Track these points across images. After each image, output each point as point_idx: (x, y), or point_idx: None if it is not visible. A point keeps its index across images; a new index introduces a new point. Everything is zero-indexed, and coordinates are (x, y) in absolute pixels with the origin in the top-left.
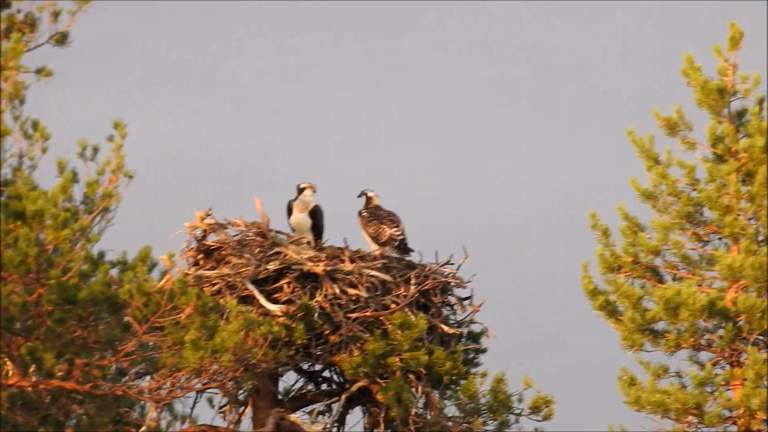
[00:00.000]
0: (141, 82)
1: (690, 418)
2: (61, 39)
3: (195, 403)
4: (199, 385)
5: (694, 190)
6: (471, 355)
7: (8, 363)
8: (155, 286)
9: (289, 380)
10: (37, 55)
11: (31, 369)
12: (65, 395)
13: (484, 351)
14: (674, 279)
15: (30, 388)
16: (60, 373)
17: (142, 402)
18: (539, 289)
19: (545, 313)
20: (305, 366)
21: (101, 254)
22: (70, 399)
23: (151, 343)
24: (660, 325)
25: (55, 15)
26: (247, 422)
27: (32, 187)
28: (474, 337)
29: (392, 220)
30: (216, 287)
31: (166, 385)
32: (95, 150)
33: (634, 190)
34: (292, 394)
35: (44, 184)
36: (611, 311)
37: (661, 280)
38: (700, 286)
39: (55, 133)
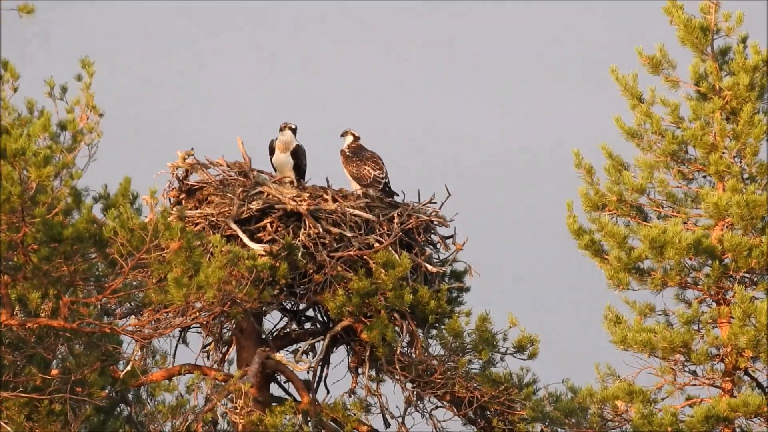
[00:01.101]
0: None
1: (677, 356)
2: None
3: (178, 342)
4: (184, 322)
5: (679, 128)
6: (455, 294)
7: None
8: (139, 221)
9: (273, 320)
10: None
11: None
12: (53, 333)
13: (467, 290)
14: (659, 217)
15: (17, 327)
16: (44, 313)
17: (129, 340)
18: (522, 225)
19: (528, 249)
20: (289, 305)
21: (84, 190)
22: (58, 337)
23: (136, 281)
24: (646, 264)
25: None
26: (233, 363)
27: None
28: (457, 276)
29: (375, 161)
30: (198, 227)
31: (152, 323)
32: (63, 89)
33: (618, 128)
34: (276, 333)
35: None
36: (597, 250)
37: (646, 219)
38: (685, 224)
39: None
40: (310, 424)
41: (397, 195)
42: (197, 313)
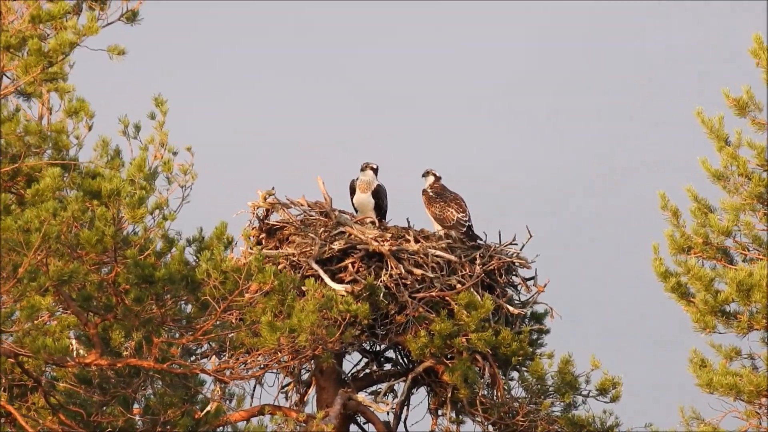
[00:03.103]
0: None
1: (762, 400)
2: (132, 17)
3: (257, 383)
4: (273, 365)
5: (765, 171)
6: (535, 336)
7: (75, 342)
8: (232, 264)
9: (353, 360)
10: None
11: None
12: (143, 374)
13: (547, 332)
14: (745, 260)
15: (106, 367)
16: (126, 352)
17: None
18: (606, 266)
19: (612, 292)
20: (368, 346)
21: (177, 233)
22: (148, 378)
23: (228, 323)
24: (732, 307)
25: None
26: (310, 403)
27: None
28: (537, 317)
29: (458, 203)
30: (280, 267)
31: (242, 365)
32: (137, 128)
33: (704, 170)
34: (356, 374)
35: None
36: (683, 293)
37: (731, 262)
38: None
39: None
40: None
41: (480, 239)
42: (288, 357)
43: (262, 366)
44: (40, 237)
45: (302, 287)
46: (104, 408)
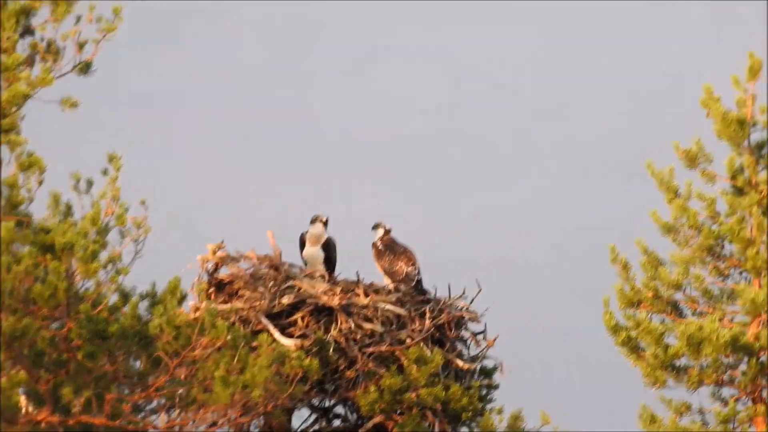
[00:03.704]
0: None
1: None
2: (85, 68)
3: None
4: (226, 421)
5: (715, 223)
6: (484, 391)
7: (23, 399)
8: (185, 319)
9: (302, 417)
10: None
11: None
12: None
13: (496, 387)
14: (694, 314)
15: (57, 425)
16: (75, 409)
17: None
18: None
19: (563, 347)
20: (318, 402)
21: (131, 289)
22: None
23: (180, 378)
24: (682, 362)
25: (81, 45)
26: None
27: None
28: (487, 372)
29: (408, 257)
30: (229, 321)
31: (193, 422)
32: (89, 183)
33: (654, 222)
34: (305, 431)
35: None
36: (633, 347)
37: (681, 315)
38: (721, 320)
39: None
40: None
41: (429, 293)
42: (237, 413)
43: (212, 423)
44: None
45: (252, 342)
46: None
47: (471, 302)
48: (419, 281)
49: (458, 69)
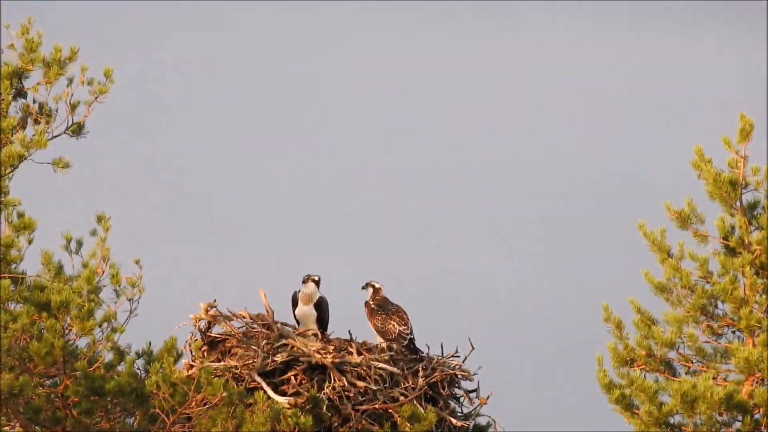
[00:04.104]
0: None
1: None
2: (77, 130)
3: None
4: None
5: (708, 282)
6: None
7: None
8: (182, 376)
9: None
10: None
11: None
12: None
13: None
14: (688, 372)
15: None
16: None
17: None
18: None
19: (557, 404)
20: None
21: (126, 346)
22: None
23: None
24: (676, 419)
25: (73, 107)
26: None
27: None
28: (480, 430)
29: (401, 316)
30: (223, 379)
31: None
32: (79, 243)
33: (646, 283)
34: None
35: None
36: (627, 405)
37: (674, 374)
38: (715, 379)
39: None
40: None
41: (422, 351)
42: None
43: None
44: None
45: (246, 400)
46: None
47: (464, 360)
48: (411, 340)
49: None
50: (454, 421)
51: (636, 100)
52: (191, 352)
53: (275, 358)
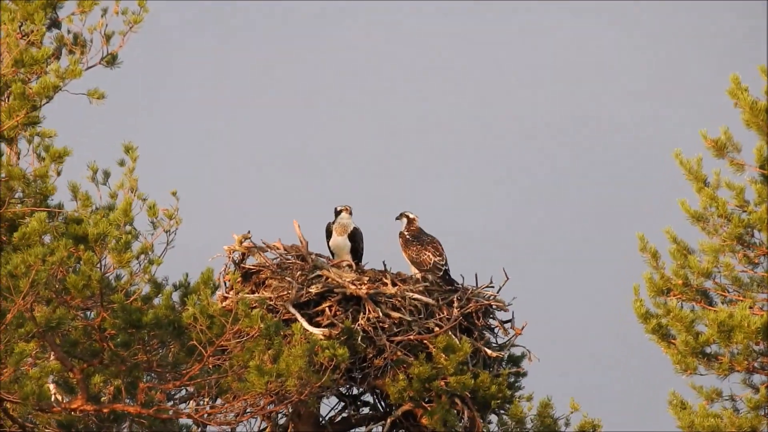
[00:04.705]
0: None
1: None
2: (111, 60)
3: (232, 428)
4: (263, 409)
5: (744, 211)
6: (512, 379)
7: (52, 388)
8: (218, 308)
9: (329, 404)
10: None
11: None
12: (128, 420)
13: (524, 374)
14: (724, 302)
15: (92, 413)
16: (104, 397)
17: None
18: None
19: (593, 335)
20: (345, 390)
21: (163, 279)
22: (133, 423)
23: (215, 368)
24: (713, 349)
25: (107, 37)
26: None
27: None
28: (515, 360)
29: (435, 247)
30: (256, 311)
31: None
32: (106, 174)
33: (683, 212)
34: (333, 418)
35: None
36: (663, 335)
37: (710, 303)
38: (751, 308)
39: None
40: None
41: (457, 282)
42: (265, 401)
43: (248, 411)
44: (29, 282)
45: (284, 332)
46: None
47: (498, 291)
48: (446, 271)
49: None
50: (488, 351)
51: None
52: (225, 284)
53: (309, 290)
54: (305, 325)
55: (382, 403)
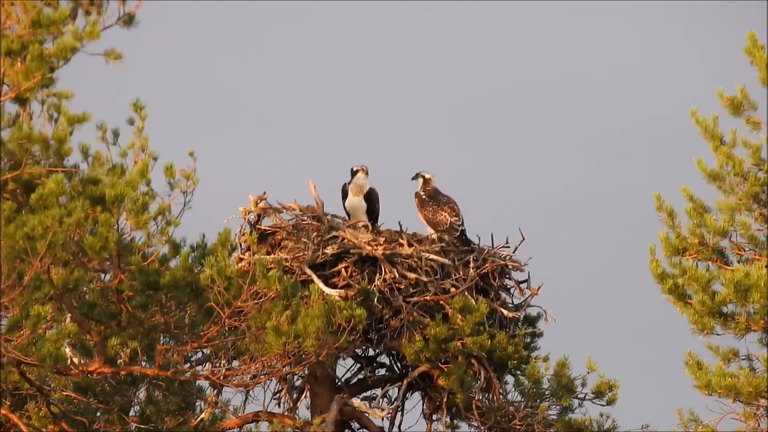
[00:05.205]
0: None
1: (761, 401)
2: (129, 20)
3: (249, 390)
4: (280, 370)
5: (761, 170)
6: (529, 339)
7: (69, 350)
8: (236, 269)
9: (345, 365)
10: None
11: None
12: (146, 381)
13: (541, 335)
14: (740, 261)
15: (110, 375)
16: (121, 360)
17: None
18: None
19: (609, 295)
20: (361, 351)
21: (181, 241)
22: (150, 385)
23: (233, 329)
24: (729, 308)
25: None
26: (302, 408)
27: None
28: (531, 320)
29: (452, 207)
30: (272, 272)
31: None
32: (115, 134)
33: (699, 171)
34: (349, 380)
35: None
36: (680, 295)
37: (727, 263)
38: (767, 267)
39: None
40: None
41: (473, 243)
42: (282, 362)
43: (265, 373)
44: (46, 244)
45: (302, 293)
46: (101, 416)
47: (514, 251)
48: (463, 231)
49: None
50: (505, 312)
51: None
52: (241, 245)
53: (325, 251)
54: (321, 286)
55: (399, 364)
